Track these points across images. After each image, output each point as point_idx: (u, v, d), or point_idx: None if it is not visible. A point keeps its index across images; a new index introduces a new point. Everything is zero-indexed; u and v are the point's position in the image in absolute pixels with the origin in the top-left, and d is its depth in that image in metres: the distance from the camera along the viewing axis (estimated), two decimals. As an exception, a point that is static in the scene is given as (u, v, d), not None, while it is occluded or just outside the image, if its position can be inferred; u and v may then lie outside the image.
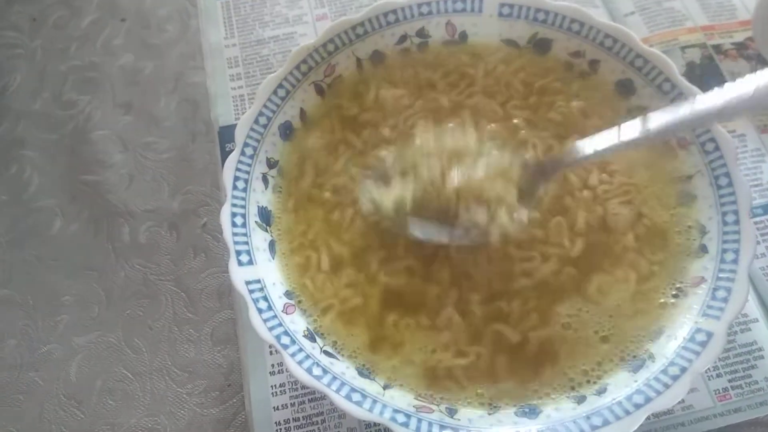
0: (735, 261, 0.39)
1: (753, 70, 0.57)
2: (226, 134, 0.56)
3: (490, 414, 0.37)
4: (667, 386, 0.36)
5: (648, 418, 0.43)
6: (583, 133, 0.43)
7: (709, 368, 0.46)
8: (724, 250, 0.40)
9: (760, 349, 0.46)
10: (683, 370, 0.36)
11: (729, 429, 0.44)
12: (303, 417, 0.45)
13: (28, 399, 0.49)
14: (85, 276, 0.53)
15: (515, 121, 0.47)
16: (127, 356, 0.50)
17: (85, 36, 0.66)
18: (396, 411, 0.36)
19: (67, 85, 0.63)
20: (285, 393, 0.46)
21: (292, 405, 0.46)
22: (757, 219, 0.51)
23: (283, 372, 0.47)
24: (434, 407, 0.37)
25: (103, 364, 0.50)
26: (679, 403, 0.44)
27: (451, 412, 0.37)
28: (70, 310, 0.52)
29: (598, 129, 0.40)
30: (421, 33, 0.49)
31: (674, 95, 0.44)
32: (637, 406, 0.35)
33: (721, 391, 0.45)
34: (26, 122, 0.61)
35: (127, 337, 0.50)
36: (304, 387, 0.46)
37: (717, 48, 0.59)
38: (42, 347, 0.50)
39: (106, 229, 0.55)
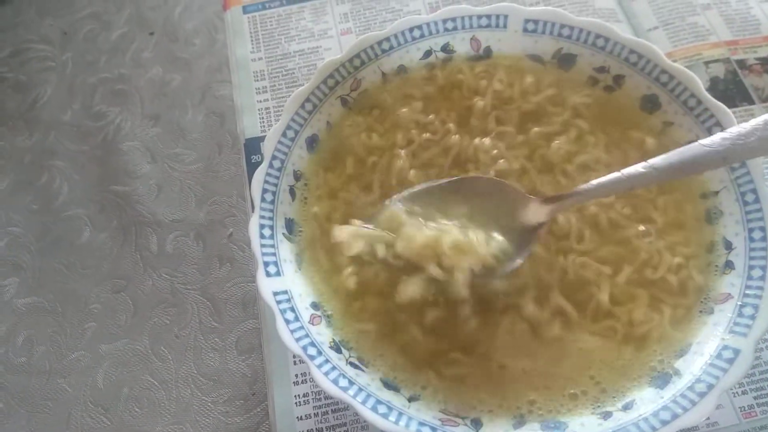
0: (762, 278, 0.39)
1: (778, 85, 0.57)
2: (252, 146, 0.57)
3: (515, 428, 0.37)
4: (693, 403, 0.36)
5: (673, 433, 0.44)
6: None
7: (734, 385, 0.46)
8: (751, 267, 0.40)
9: (786, 367, 0.46)
10: (710, 387, 0.36)
11: (755, 447, 0.44)
12: (326, 427, 0.46)
13: (57, 405, 0.50)
14: (113, 284, 0.54)
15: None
16: (153, 364, 0.51)
17: (115, 49, 0.67)
18: (422, 424, 0.36)
19: (96, 97, 0.64)
20: (308, 403, 0.47)
21: (316, 415, 0.46)
22: (783, 235, 0.51)
23: (306, 382, 0.48)
24: (459, 420, 0.37)
25: (129, 371, 0.50)
26: (705, 419, 0.44)
27: (476, 426, 0.37)
28: (98, 317, 0.53)
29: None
30: (446, 48, 0.50)
31: (699, 111, 0.44)
32: (664, 423, 0.35)
33: (746, 408, 0.45)
34: (57, 133, 0.62)
35: (154, 346, 0.51)
36: (327, 397, 0.47)
37: (741, 63, 0.59)
38: (70, 354, 0.51)
39: (134, 239, 0.56)
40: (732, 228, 0.41)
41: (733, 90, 0.58)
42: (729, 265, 0.41)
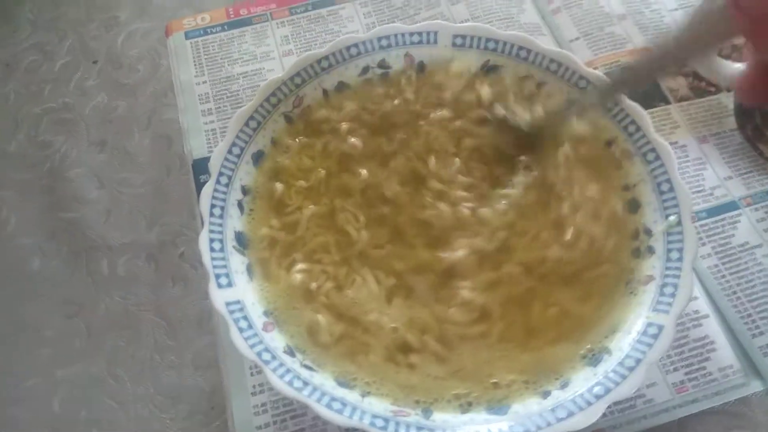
0: (680, 259, 0.42)
1: (690, 86, 0.62)
2: (201, 166, 0.59)
3: (462, 413, 0.39)
4: (624, 377, 0.39)
5: (612, 412, 0.47)
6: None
7: (666, 363, 0.49)
8: (669, 250, 0.43)
9: (712, 343, 0.50)
10: (638, 361, 0.39)
11: (688, 419, 0.47)
12: (286, 434, 0.47)
13: (13, 434, 0.49)
14: (66, 310, 0.54)
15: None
16: (110, 386, 0.51)
17: (58, 78, 0.68)
18: (375, 416, 0.38)
19: (41, 127, 0.65)
20: (267, 412, 0.48)
21: (275, 423, 0.48)
22: (702, 222, 0.55)
23: (264, 392, 0.49)
24: (410, 411, 0.39)
25: (86, 395, 0.51)
26: (641, 397, 0.48)
27: (427, 415, 0.39)
28: (52, 343, 0.53)
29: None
30: (382, 64, 0.52)
31: (616, 111, 0.47)
32: (598, 397, 0.38)
33: (678, 384, 0.48)
34: (1, 164, 0.63)
35: (110, 368, 0.52)
36: (286, 405, 0.48)
37: (656, 68, 0.64)
38: (24, 382, 0.51)
39: (85, 264, 0.57)
40: (651, 216, 0.45)
41: (651, 92, 0.62)
42: (650, 250, 0.44)
